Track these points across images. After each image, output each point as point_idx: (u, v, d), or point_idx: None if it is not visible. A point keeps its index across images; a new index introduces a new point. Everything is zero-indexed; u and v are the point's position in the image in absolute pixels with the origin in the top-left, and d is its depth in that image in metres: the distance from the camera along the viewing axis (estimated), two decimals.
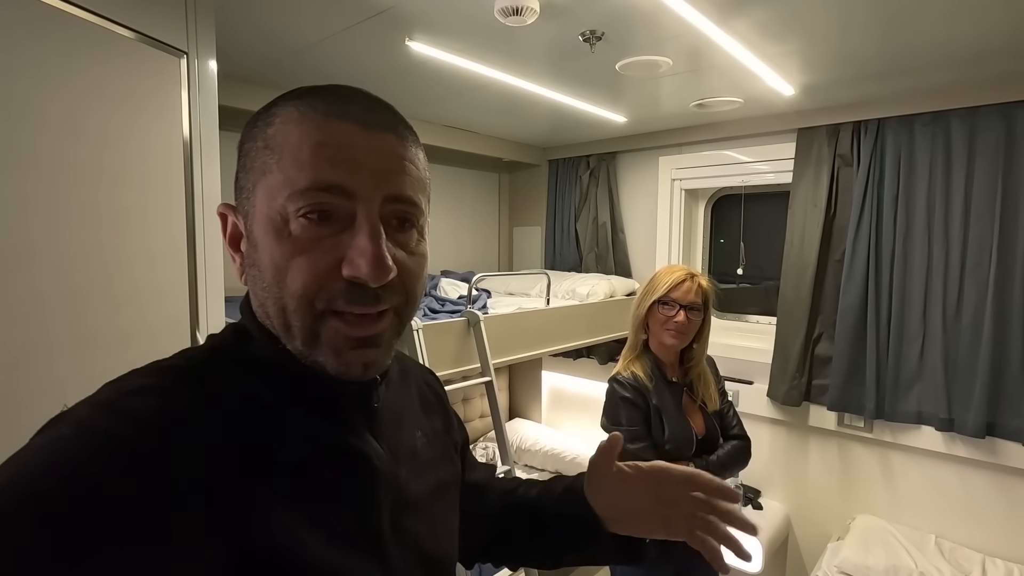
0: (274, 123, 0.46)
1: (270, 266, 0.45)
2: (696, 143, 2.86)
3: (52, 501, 0.35)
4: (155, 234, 1.13)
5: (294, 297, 0.44)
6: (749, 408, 2.70)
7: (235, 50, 1.76)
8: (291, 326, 0.45)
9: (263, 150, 0.46)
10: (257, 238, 0.46)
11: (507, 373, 3.74)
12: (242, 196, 0.48)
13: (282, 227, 0.44)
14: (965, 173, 2.10)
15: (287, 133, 0.45)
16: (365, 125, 0.45)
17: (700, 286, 1.54)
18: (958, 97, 2.07)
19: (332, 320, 0.45)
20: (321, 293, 0.44)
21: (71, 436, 0.39)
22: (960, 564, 2.12)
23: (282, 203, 0.44)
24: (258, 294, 0.47)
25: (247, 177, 0.47)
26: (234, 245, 0.49)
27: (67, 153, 0.97)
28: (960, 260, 2.13)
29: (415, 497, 0.56)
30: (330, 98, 0.46)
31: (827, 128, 2.40)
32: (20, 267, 0.91)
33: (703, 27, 1.52)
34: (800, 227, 2.49)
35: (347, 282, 0.44)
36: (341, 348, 0.45)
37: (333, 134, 0.44)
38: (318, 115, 0.45)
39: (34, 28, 0.92)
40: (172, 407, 0.42)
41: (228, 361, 0.48)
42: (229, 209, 0.49)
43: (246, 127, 0.48)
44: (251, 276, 0.47)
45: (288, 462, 0.45)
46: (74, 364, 0.97)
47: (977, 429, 2.08)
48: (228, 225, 0.50)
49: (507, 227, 3.77)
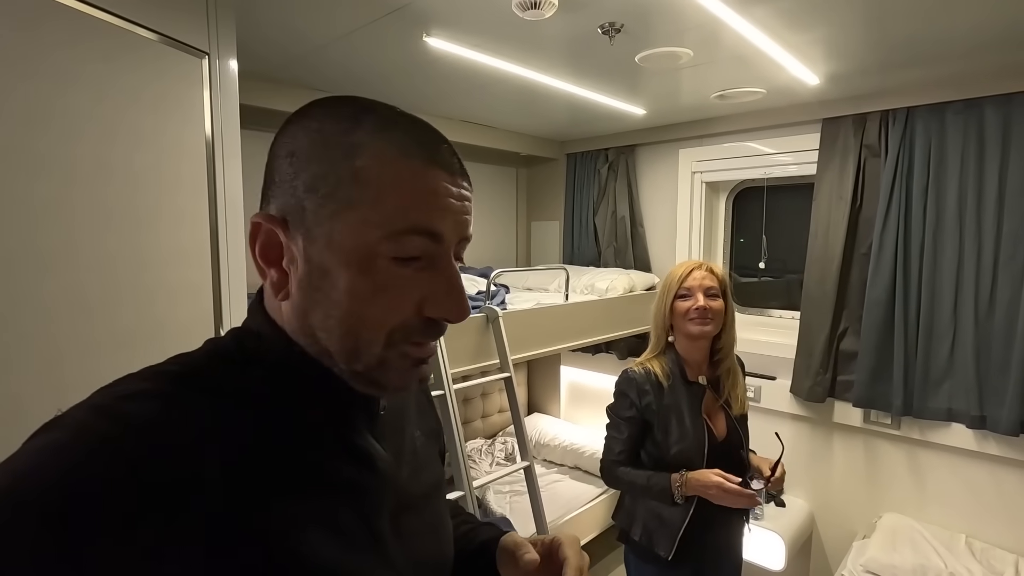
0: (362, 155, 0.45)
1: (348, 296, 0.45)
2: (717, 135, 2.81)
3: (47, 505, 0.35)
4: (182, 234, 1.16)
5: (374, 330, 0.46)
6: (772, 404, 2.66)
7: (254, 49, 1.78)
8: (360, 352, 0.46)
9: (351, 181, 0.44)
10: (329, 266, 0.45)
11: (525, 368, 3.74)
12: (306, 217, 0.45)
13: (366, 261, 0.45)
14: (999, 163, 2.03)
15: (384, 171, 0.45)
16: (451, 171, 0.48)
17: (713, 272, 1.54)
18: (992, 84, 2.00)
19: (401, 346, 0.47)
20: (402, 329, 0.47)
21: (66, 440, 0.38)
22: (992, 565, 2.06)
23: (374, 240, 0.45)
24: (316, 318, 0.46)
25: (318, 201, 0.45)
26: (269, 259, 0.48)
27: (103, 157, 1.00)
28: (993, 253, 2.06)
29: (414, 498, 0.56)
30: (419, 138, 0.47)
31: (853, 118, 2.33)
32: (60, 267, 0.94)
33: (724, 16, 1.49)
34: (825, 219, 2.44)
35: (426, 320, 0.47)
36: (406, 369, 0.48)
37: (432, 181, 0.46)
38: (415, 159, 0.46)
39: (69, 37, 0.95)
40: (168, 410, 0.42)
41: (228, 364, 0.48)
42: (271, 221, 0.47)
43: (312, 144, 0.46)
44: (312, 300, 0.46)
45: (290, 463, 0.45)
46: (113, 359, 1.00)
47: (1011, 427, 2.02)
48: (260, 235, 0.47)
49: (525, 222, 3.76)
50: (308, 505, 0.45)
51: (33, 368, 0.91)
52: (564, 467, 3.13)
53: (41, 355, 0.92)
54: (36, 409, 0.65)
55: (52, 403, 0.46)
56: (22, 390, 0.88)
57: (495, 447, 3.23)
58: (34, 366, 0.91)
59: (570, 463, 3.11)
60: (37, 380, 0.91)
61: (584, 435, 3.14)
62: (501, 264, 3.39)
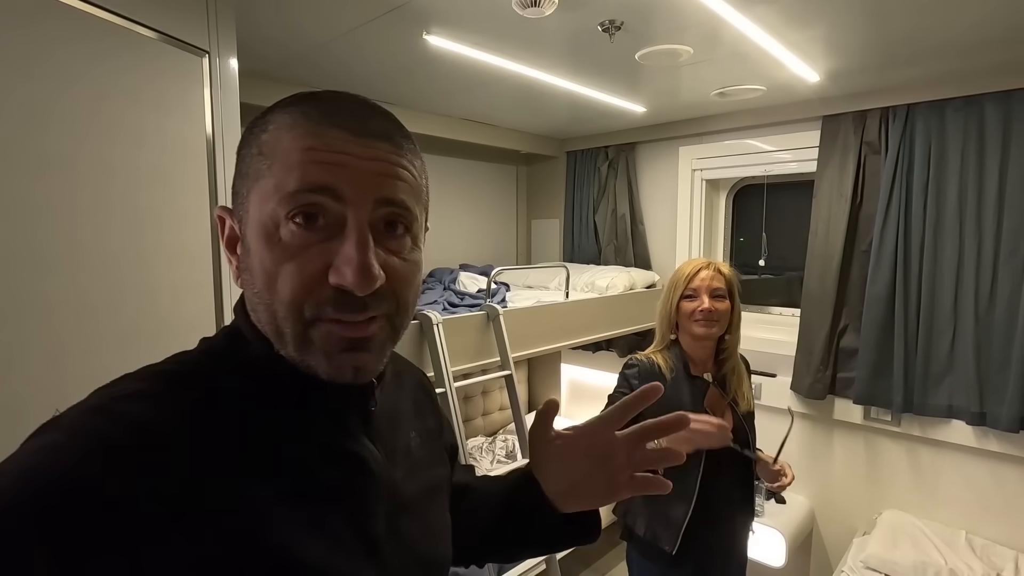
0: (268, 129, 0.46)
1: (260, 272, 0.45)
2: (717, 132, 2.81)
3: (44, 506, 0.35)
4: (184, 232, 1.16)
5: (284, 304, 0.44)
6: (772, 401, 2.67)
7: (254, 47, 1.78)
8: (283, 332, 0.45)
9: (256, 156, 0.46)
10: (250, 243, 0.46)
11: (526, 366, 3.75)
12: (237, 201, 0.48)
13: (273, 232, 0.44)
14: (999, 160, 2.03)
15: (279, 139, 0.45)
16: (357, 132, 0.45)
17: (720, 273, 1.52)
18: (992, 81, 2.00)
19: (323, 325, 0.45)
20: (310, 300, 0.44)
21: (63, 441, 0.38)
22: (992, 561, 2.07)
23: (273, 207, 0.44)
24: (251, 299, 0.47)
25: (242, 183, 0.47)
26: (231, 248, 0.49)
27: (104, 155, 1.00)
28: (993, 249, 2.07)
29: (409, 499, 0.55)
30: (324, 105, 0.46)
31: (853, 115, 2.33)
32: (62, 266, 0.94)
33: (724, 14, 1.49)
34: (825, 217, 2.44)
35: (335, 289, 0.44)
36: (332, 351, 0.45)
37: (324, 139, 0.44)
38: (310, 122, 0.45)
39: (68, 36, 0.95)
40: (164, 410, 0.42)
41: (221, 364, 0.48)
42: (227, 212, 0.49)
43: (244, 133, 0.49)
44: (244, 281, 0.48)
45: (284, 465, 0.45)
46: (117, 357, 1.00)
47: (1011, 423, 2.02)
48: (225, 228, 0.50)
49: (525, 220, 3.76)
50: (299, 507, 0.45)
51: (35, 367, 0.91)
52: None
53: (43, 354, 0.92)
54: (38, 408, 0.65)
55: (54, 402, 0.46)
56: (24, 389, 0.88)
57: (496, 445, 3.24)
58: (36, 365, 0.91)
59: None
60: (39, 379, 0.91)
61: None
62: (501, 262, 3.39)
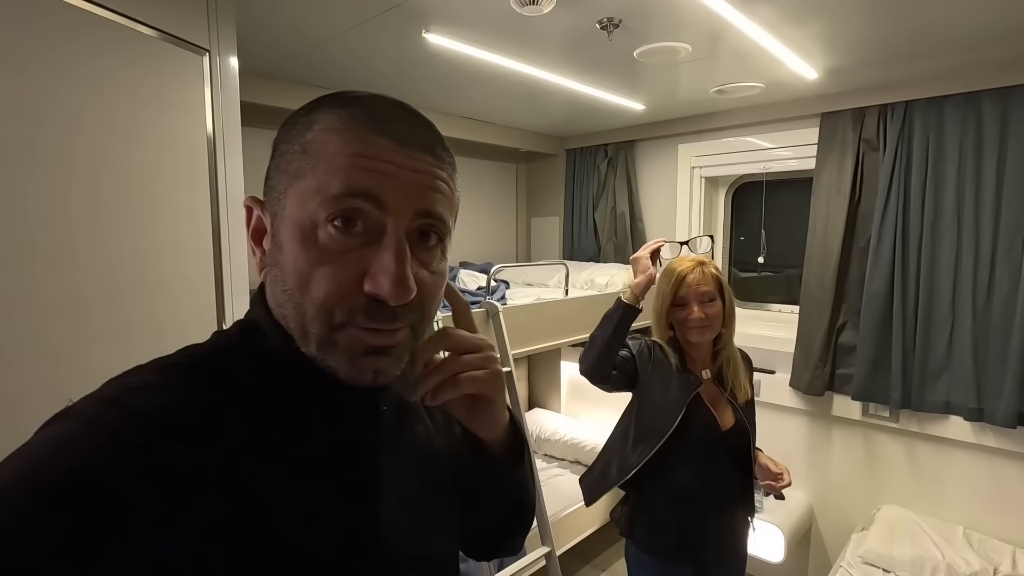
0: (313, 129, 0.46)
1: (294, 271, 0.45)
2: (716, 130, 2.81)
3: (57, 495, 0.35)
4: (183, 229, 1.16)
5: (314, 305, 0.44)
6: (771, 398, 2.68)
7: (255, 46, 1.78)
8: (308, 331, 0.45)
9: (300, 154, 0.46)
10: (283, 240, 0.46)
11: (526, 363, 3.75)
12: (272, 196, 0.48)
13: (310, 233, 0.44)
14: (997, 156, 2.04)
15: (326, 141, 0.45)
16: (403, 142, 0.46)
17: (708, 274, 1.49)
18: (990, 77, 2.00)
19: (351, 329, 0.45)
20: (342, 305, 0.44)
21: (76, 431, 0.39)
22: (989, 556, 2.08)
23: (313, 208, 0.44)
24: (277, 294, 0.47)
25: (280, 178, 0.47)
26: (256, 239, 0.50)
27: (103, 153, 1.01)
28: (991, 246, 2.07)
29: (413, 494, 0.56)
30: (373, 111, 0.46)
31: (852, 112, 2.34)
32: (60, 263, 0.94)
33: (722, 11, 1.50)
34: (824, 214, 2.44)
35: (368, 297, 0.44)
36: (355, 355, 0.46)
37: (371, 146, 0.45)
38: (359, 127, 0.45)
39: (68, 33, 0.95)
40: (176, 403, 0.42)
41: (234, 358, 0.48)
42: (256, 203, 0.50)
43: (284, 126, 0.48)
44: (272, 276, 0.48)
45: (293, 459, 0.46)
46: (112, 355, 1.00)
47: (1008, 419, 2.03)
48: (252, 219, 0.50)
49: (525, 217, 3.76)
50: (307, 502, 0.45)
51: (31, 364, 0.91)
52: (565, 461, 3.15)
53: (40, 351, 0.92)
54: (35, 405, 0.65)
55: (51, 399, 0.46)
56: (21, 386, 0.88)
57: None
58: (32, 362, 0.91)
59: (571, 458, 3.12)
60: (36, 376, 0.91)
61: (585, 430, 3.15)
62: (501, 260, 3.40)
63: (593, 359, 1.51)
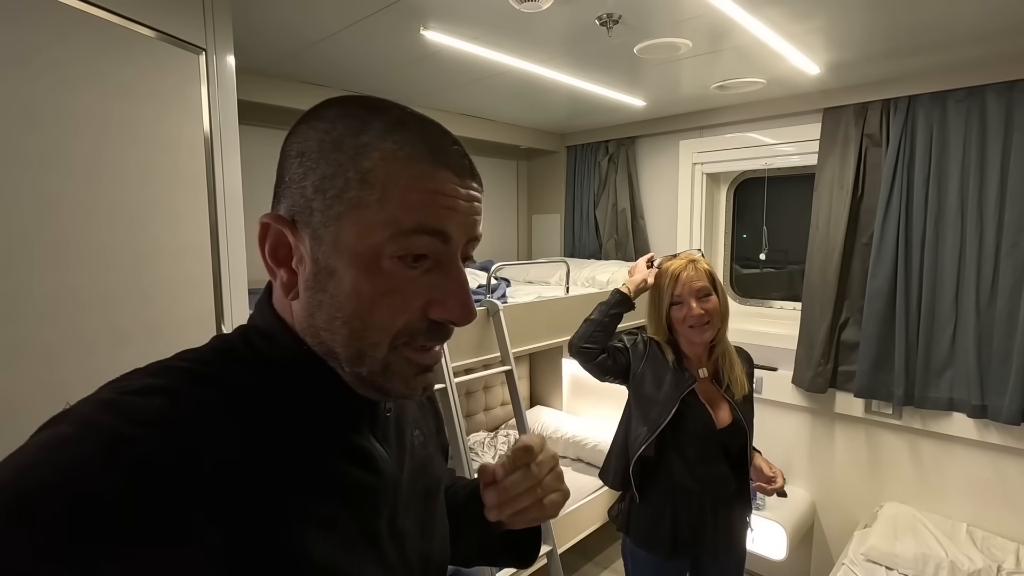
0: (371, 156, 0.45)
1: (354, 298, 0.45)
2: (717, 126, 2.80)
3: (53, 499, 0.35)
4: (181, 230, 1.16)
5: (380, 331, 0.46)
6: (773, 395, 2.67)
7: (252, 44, 1.77)
8: (364, 355, 0.46)
9: (358, 183, 0.45)
10: (335, 267, 0.45)
11: (527, 361, 3.75)
12: (313, 218, 0.46)
13: (372, 263, 0.45)
14: (1001, 151, 2.02)
15: (392, 173, 0.45)
16: (460, 173, 0.48)
17: (701, 269, 1.51)
18: (994, 71, 1.99)
19: (403, 351, 0.47)
20: (405, 330, 0.46)
21: (73, 434, 0.39)
22: (993, 553, 2.07)
23: (381, 241, 0.44)
24: (322, 319, 0.47)
25: (327, 203, 0.45)
26: (278, 259, 0.48)
27: (99, 153, 1.00)
28: (995, 241, 2.06)
29: (411, 497, 0.56)
30: (427, 140, 0.47)
31: (854, 107, 2.32)
32: (57, 264, 0.94)
33: (723, 7, 1.48)
34: (826, 210, 2.43)
35: (431, 321, 0.47)
36: (408, 376, 0.48)
37: (439, 182, 0.46)
38: (423, 161, 0.46)
39: (63, 32, 0.94)
40: (174, 406, 0.42)
41: (234, 361, 0.48)
42: (279, 221, 0.47)
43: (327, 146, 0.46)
44: (316, 300, 0.46)
45: (297, 462, 0.46)
46: (109, 357, 1.00)
47: (1012, 416, 2.02)
48: (270, 236, 0.47)
49: (526, 215, 3.75)
50: (308, 505, 0.45)
51: (29, 367, 0.90)
52: (566, 459, 3.14)
53: (37, 353, 0.91)
54: (32, 408, 0.65)
55: (48, 402, 0.46)
56: (18, 389, 0.88)
57: (498, 440, 3.24)
58: (30, 364, 0.91)
59: (572, 455, 3.12)
60: (33, 379, 0.91)
61: (586, 427, 3.15)
62: (502, 257, 3.39)
63: (580, 336, 1.60)
